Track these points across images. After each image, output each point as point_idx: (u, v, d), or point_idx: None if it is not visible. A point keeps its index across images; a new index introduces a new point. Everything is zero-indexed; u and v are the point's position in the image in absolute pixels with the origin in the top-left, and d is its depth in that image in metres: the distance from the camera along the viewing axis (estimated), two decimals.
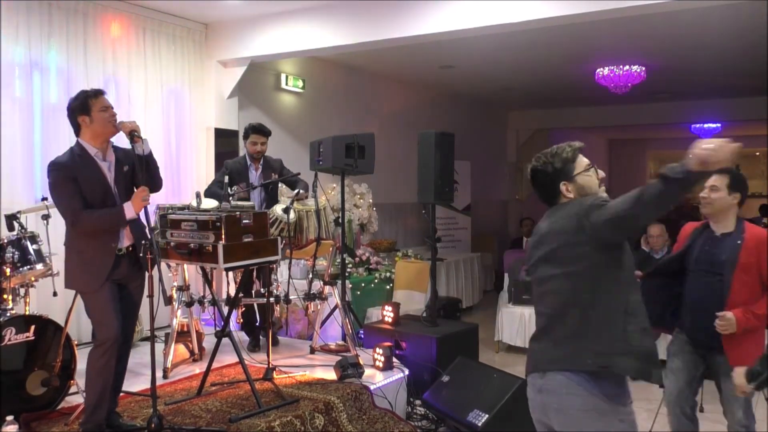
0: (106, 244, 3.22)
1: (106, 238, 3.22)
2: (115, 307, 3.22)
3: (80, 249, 3.24)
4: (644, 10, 4.80)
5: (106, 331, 3.18)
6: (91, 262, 3.21)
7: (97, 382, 3.19)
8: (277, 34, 6.07)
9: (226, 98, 6.50)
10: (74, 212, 3.14)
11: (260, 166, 5.16)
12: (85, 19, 5.30)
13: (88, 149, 3.21)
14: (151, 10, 5.81)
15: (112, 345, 3.18)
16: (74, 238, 3.25)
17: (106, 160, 3.26)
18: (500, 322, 6.58)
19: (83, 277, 3.23)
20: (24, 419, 3.47)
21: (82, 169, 3.16)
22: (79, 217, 3.14)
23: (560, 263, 2.27)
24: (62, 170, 3.15)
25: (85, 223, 3.16)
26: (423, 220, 8.92)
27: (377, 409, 4.02)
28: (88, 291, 3.24)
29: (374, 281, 6.51)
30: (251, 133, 5.12)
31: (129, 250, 3.30)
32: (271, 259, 3.80)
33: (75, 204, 3.13)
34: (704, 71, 8.73)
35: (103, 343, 3.18)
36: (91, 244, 3.22)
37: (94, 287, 3.20)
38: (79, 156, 3.19)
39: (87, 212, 3.15)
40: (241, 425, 3.42)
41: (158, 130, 5.86)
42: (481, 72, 8.77)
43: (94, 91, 3.24)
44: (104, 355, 3.18)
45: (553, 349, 2.29)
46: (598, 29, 6.41)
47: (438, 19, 5.33)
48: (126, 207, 3.21)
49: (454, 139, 5.08)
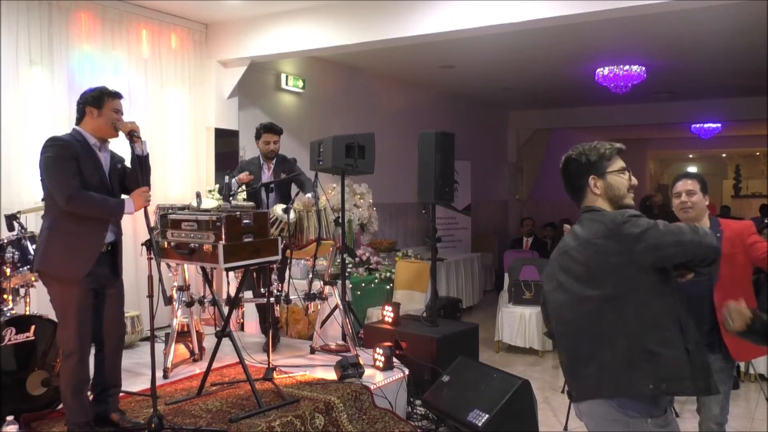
0: (99, 232, 3.18)
1: (98, 226, 3.19)
2: (89, 317, 3.17)
3: (69, 231, 3.11)
4: (644, 10, 4.81)
5: (75, 344, 3.12)
6: (79, 248, 3.13)
7: (65, 382, 3.18)
8: (277, 34, 6.08)
9: (226, 98, 6.50)
10: (74, 188, 3.06)
11: (272, 165, 5.16)
12: (85, 19, 5.29)
13: (87, 138, 3.23)
14: (151, 10, 5.81)
15: (84, 359, 3.16)
16: (63, 219, 3.11)
17: (103, 152, 3.29)
18: (500, 322, 6.58)
19: (66, 263, 3.11)
20: (24, 419, 3.48)
21: (84, 155, 3.16)
22: (79, 194, 3.06)
23: (597, 285, 2.16)
24: (66, 147, 3.11)
25: (82, 202, 3.07)
26: (423, 220, 8.93)
27: (377, 409, 4.02)
28: (63, 281, 3.12)
29: (374, 281, 6.51)
30: (263, 132, 5.12)
31: (108, 248, 3.27)
32: (271, 259, 3.80)
33: (75, 182, 3.08)
34: (704, 71, 8.73)
35: (69, 357, 3.13)
36: (82, 229, 3.12)
37: (76, 276, 3.09)
38: (78, 141, 3.19)
39: (86, 192, 3.10)
40: (241, 425, 3.42)
41: (158, 130, 5.86)
42: (481, 72, 8.78)
43: (114, 92, 3.27)
44: (73, 374, 3.14)
45: (601, 375, 2.15)
46: (598, 29, 6.41)
47: (438, 19, 5.33)
48: (128, 202, 3.22)
49: (454, 139, 5.08)
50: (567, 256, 2.27)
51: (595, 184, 2.28)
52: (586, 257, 2.19)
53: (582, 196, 2.33)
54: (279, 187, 5.12)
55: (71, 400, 3.22)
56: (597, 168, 2.28)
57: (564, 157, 2.38)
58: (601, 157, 2.29)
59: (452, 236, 10.02)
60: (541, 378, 5.71)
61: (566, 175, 2.38)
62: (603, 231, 2.17)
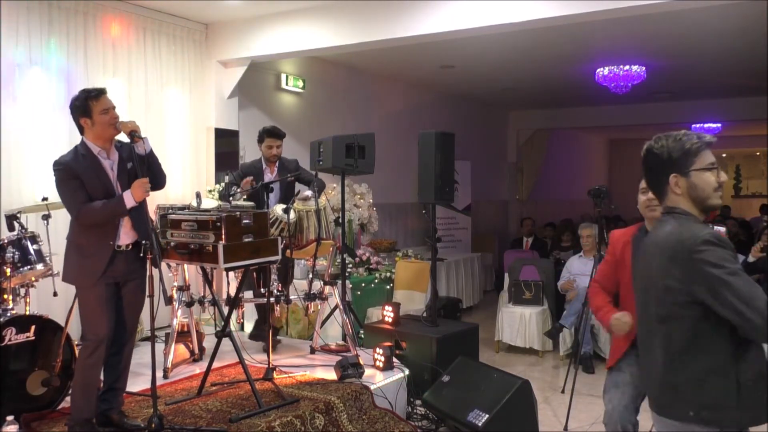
0: (103, 241, 3.25)
1: (104, 235, 3.25)
2: (107, 307, 3.26)
3: (80, 244, 3.28)
4: (644, 10, 4.80)
5: (93, 330, 3.24)
6: (88, 259, 3.25)
7: (80, 379, 3.26)
8: (277, 34, 6.08)
9: (226, 98, 6.50)
10: (77, 205, 3.20)
11: (276, 168, 5.16)
12: (85, 19, 5.30)
13: (91, 148, 3.26)
14: (152, 11, 5.81)
15: (99, 345, 3.22)
16: (77, 233, 3.28)
17: (109, 159, 3.31)
18: (500, 322, 6.58)
19: (79, 273, 3.27)
20: (24, 419, 3.48)
21: (84, 168, 3.21)
22: (82, 209, 3.19)
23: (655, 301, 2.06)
24: (65, 169, 3.21)
25: (87, 214, 3.20)
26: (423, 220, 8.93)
27: (377, 409, 4.02)
28: (82, 286, 3.28)
29: (374, 281, 6.51)
30: (266, 137, 5.11)
31: (129, 247, 3.32)
32: (271, 258, 3.80)
33: (78, 198, 3.19)
34: (704, 71, 8.73)
35: (90, 342, 3.23)
36: (90, 241, 3.25)
37: (88, 284, 3.24)
38: (83, 155, 3.24)
39: (89, 204, 3.20)
40: (241, 425, 3.42)
41: (158, 130, 5.86)
42: (481, 72, 8.78)
43: (96, 91, 3.24)
44: (91, 356, 3.23)
45: (665, 392, 2.07)
46: (598, 29, 6.42)
47: (438, 19, 5.33)
48: (126, 195, 3.24)
49: (454, 139, 5.08)
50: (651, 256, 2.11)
51: (676, 183, 2.07)
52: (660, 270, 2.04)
53: (663, 194, 2.13)
54: (284, 190, 5.12)
55: (80, 395, 3.25)
56: (679, 165, 2.06)
57: (645, 146, 2.15)
58: (685, 154, 2.05)
59: (452, 236, 10.02)
60: (541, 378, 5.71)
61: (646, 167, 2.17)
62: (670, 251, 2.01)
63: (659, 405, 2.11)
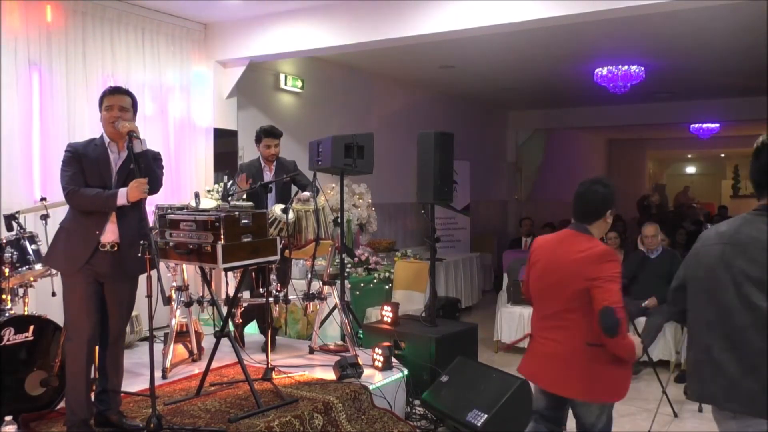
0: (90, 230, 3.27)
1: (92, 224, 3.28)
2: (90, 306, 3.26)
3: (69, 230, 3.33)
4: (644, 10, 4.80)
5: (73, 329, 3.26)
6: (73, 245, 3.28)
7: (68, 381, 3.29)
8: (277, 34, 6.07)
9: (225, 98, 6.50)
10: (70, 185, 3.25)
11: (274, 167, 5.16)
12: (84, 19, 5.29)
13: (105, 139, 3.36)
14: (150, 10, 5.80)
15: (82, 346, 3.23)
16: (69, 220, 3.35)
17: (117, 153, 3.36)
18: (499, 322, 6.58)
19: (62, 258, 3.31)
20: (23, 419, 3.47)
21: (90, 155, 3.30)
22: (74, 191, 3.24)
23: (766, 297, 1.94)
24: (71, 150, 3.32)
25: (76, 196, 3.24)
26: (422, 220, 8.93)
27: (376, 409, 4.02)
28: (64, 273, 3.31)
29: (373, 281, 6.51)
30: (263, 136, 5.11)
31: (114, 248, 3.31)
32: (269, 259, 3.80)
33: (74, 179, 3.25)
34: (704, 71, 8.73)
35: (73, 343, 3.26)
36: (79, 229, 3.29)
37: (70, 270, 3.27)
38: (95, 144, 3.35)
39: (82, 188, 3.25)
40: (240, 425, 3.42)
41: (158, 130, 5.85)
42: (481, 72, 8.78)
43: (111, 88, 3.41)
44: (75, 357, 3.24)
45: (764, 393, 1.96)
46: (597, 29, 6.41)
47: (438, 19, 5.33)
48: (120, 192, 3.25)
49: (453, 139, 5.08)
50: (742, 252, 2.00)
51: None
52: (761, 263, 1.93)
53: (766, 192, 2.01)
54: (281, 191, 5.12)
55: (69, 397, 3.27)
56: None
57: (759, 140, 2.05)
58: None
59: (451, 236, 10.02)
60: None
61: (758, 163, 2.07)
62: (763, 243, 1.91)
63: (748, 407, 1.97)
